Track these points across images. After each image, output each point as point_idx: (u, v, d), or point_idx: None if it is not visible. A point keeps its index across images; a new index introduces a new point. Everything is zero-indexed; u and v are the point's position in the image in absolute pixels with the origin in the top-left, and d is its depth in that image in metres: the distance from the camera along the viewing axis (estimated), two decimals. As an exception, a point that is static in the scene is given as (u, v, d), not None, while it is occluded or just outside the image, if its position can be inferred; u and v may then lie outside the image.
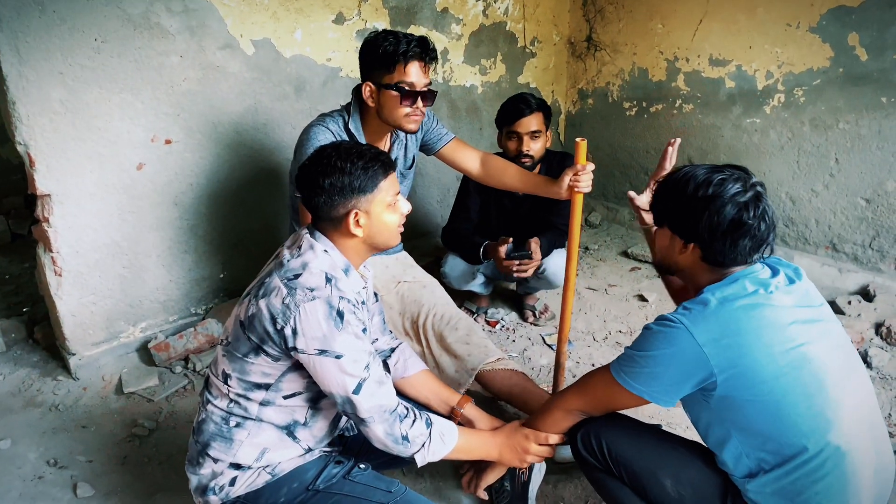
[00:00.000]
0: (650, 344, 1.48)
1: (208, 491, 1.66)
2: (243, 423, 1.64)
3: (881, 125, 3.21)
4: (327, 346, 1.51)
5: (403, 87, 2.19)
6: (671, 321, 1.45)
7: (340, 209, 1.62)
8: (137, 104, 2.70)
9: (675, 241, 1.56)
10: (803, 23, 3.38)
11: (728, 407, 1.44)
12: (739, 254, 1.48)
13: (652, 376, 1.47)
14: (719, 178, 1.46)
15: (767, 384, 1.38)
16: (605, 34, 4.41)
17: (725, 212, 1.44)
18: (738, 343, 1.39)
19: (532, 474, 2.05)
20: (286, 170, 3.14)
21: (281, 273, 1.57)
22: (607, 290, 3.65)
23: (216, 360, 1.69)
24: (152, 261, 2.94)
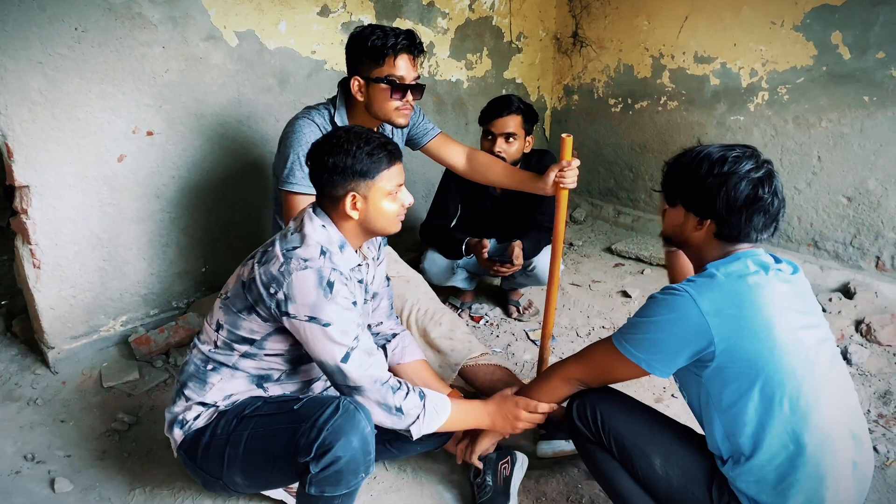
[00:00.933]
0: (653, 310, 1.53)
1: (175, 425, 1.78)
2: (219, 368, 1.76)
3: (863, 124, 3.24)
4: (316, 313, 1.59)
5: (394, 81, 2.19)
6: (676, 289, 1.50)
7: (339, 189, 1.68)
8: (118, 95, 2.66)
9: (689, 219, 1.60)
10: (787, 21, 3.40)
11: (719, 382, 1.49)
12: (753, 229, 1.53)
13: (652, 343, 1.52)
14: (734, 155, 1.52)
15: (762, 358, 1.43)
16: (590, 30, 4.41)
17: (741, 188, 1.49)
18: (739, 315, 1.44)
19: (514, 469, 2.06)
20: (269, 163, 3.11)
21: (282, 244, 1.67)
22: (591, 286, 3.66)
23: (212, 311, 1.80)
24: (133, 254, 2.90)
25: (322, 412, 1.59)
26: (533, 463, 2.20)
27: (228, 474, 1.72)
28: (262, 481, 1.77)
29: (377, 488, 2.13)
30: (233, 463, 1.70)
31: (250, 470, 1.70)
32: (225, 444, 1.70)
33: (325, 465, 1.55)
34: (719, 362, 1.46)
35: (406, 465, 2.23)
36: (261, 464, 1.68)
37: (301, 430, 1.59)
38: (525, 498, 2.11)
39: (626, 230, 4.50)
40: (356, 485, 1.63)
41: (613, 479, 1.72)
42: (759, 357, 1.43)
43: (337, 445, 1.54)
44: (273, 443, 1.65)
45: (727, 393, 1.48)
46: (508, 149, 2.84)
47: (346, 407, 1.60)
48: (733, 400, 1.48)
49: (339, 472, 1.56)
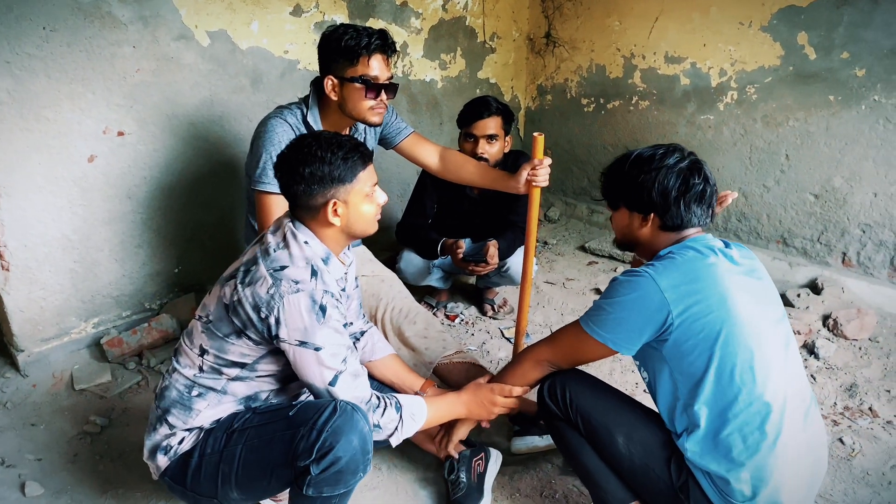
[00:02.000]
0: (616, 291, 1.61)
1: (158, 451, 1.72)
2: (206, 393, 1.70)
3: (829, 123, 3.30)
4: (308, 338, 1.57)
5: (368, 80, 2.19)
6: (637, 272, 1.59)
7: (319, 198, 1.65)
8: (88, 95, 2.64)
9: (633, 218, 1.71)
10: (755, 22, 3.45)
11: (677, 355, 1.57)
12: (693, 214, 1.64)
13: (617, 322, 1.60)
14: (660, 152, 1.66)
15: (716, 330, 1.51)
16: (563, 31, 4.45)
17: (671, 178, 1.62)
18: (696, 289, 1.54)
19: (488, 465, 2.08)
20: (242, 163, 3.09)
21: (267, 263, 1.62)
22: (565, 284, 3.69)
23: (192, 333, 1.73)
24: (105, 255, 2.88)
25: (320, 415, 1.57)
26: (507, 459, 2.22)
27: (223, 491, 1.67)
28: (259, 492, 1.72)
29: (352, 487, 2.14)
30: (227, 479, 1.66)
31: (247, 483, 1.66)
32: (218, 462, 1.66)
33: (326, 466, 1.54)
34: (677, 335, 1.54)
35: (381, 464, 2.24)
36: (258, 475, 1.65)
37: (300, 433, 1.57)
38: (499, 494, 2.12)
39: (599, 228, 4.54)
40: (354, 484, 1.64)
41: (580, 455, 1.80)
42: (713, 329, 1.51)
43: (338, 446, 1.53)
44: (270, 452, 1.62)
45: (685, 365, 1.57)
46: (491, 150, 2.86)
47: (344, 408, 1.59)
48: (691, 372, 1.56)
49: (339, 473, 1.56)
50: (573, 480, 2.17)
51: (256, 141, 2.31)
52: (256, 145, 2.30)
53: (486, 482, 2.05)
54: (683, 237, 1.67)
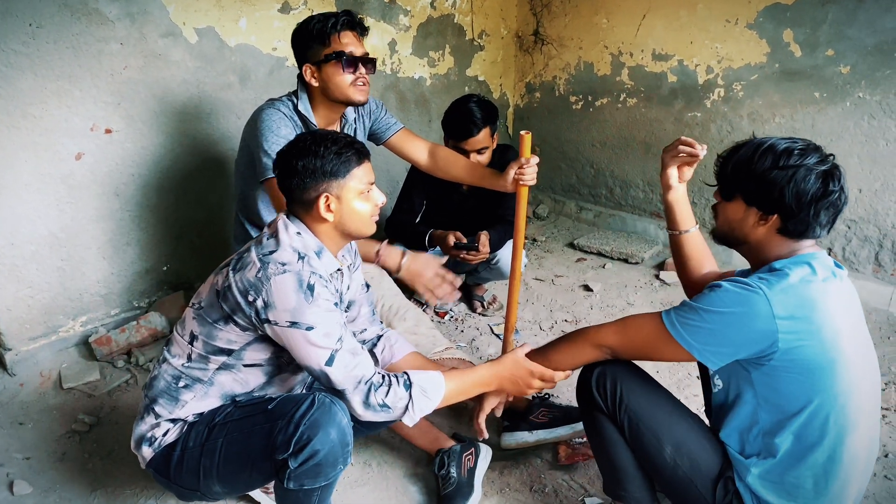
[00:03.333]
0: (721, 301, 1.45)
1: (143, 442, 1.73)
2: (192, 385, 1.71)
3: (814, 119, 3.33)
4: (298, 318, 1.56)
5: (342, 53, 2.21)
6: (749, 285, 1.43)
7: (312, 192, 1.65)
8: (75, 92, 2.63)
9: (749, 214, 1.52)
10: (741, 19, 3.48)
11: (770, 385, 1.47)
12: (819, 224, 1.48)
13: (712, 333, 1.46)
14: (799, 147, 1.46)
15: (822, 370, 1.41)
16: (551, 28, 4.46)
17: (810, 181, 1.43)
18: (810, 322, 1.40)
19: (478, 461, 2.09)
20: (231, 160, 3.10)
21: (258, 250, 1.63)
22: (554, 281, 3.71)
23: (184, 321, 1.74)
24: (93, 253, 2.87)
25: (298, 408, 1.57)
26: (496, 454, 2.23)
27: (206, 484, 1.68)
28: (241, 485, 1.74)
29: (342, 483, 2.14)
30: (209, 473, 1.66)
31: (229, 477, 1.67)
32: (199, 455, 1.67)
33: (304, 460, 1.54)
34: (776, 366, 1.43)
35: (371, 460, 2.24)
36: (239, 469, 1.65)
37: (278, 427, 1.57)
38: (489, 489, 2.13)
39: (588, 225, 4.56)
40: (334, 476, 1.63)
41: (613, 451, 1.71)
42: (820, 373, 1.41)
43: (315, 439, 1.53)
44: (250, 445, 1.62)
45: (777, 398, 1.47)
46: (481, 158, 2.87)
47: (322, 401, 1.59)
48: (782, 406, 1.47)
49: (317, 466, 1.55)
50: (562, 475, 2.18)
51: (251, 133, 2.31)
52: (252, 137, 2.29)
53: (476, 477, 2.06)
54: (799, 248, 1.51)
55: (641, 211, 4.31)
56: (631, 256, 3.92)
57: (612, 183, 4.42)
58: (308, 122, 2.34)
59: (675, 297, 3.46)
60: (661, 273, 3.69)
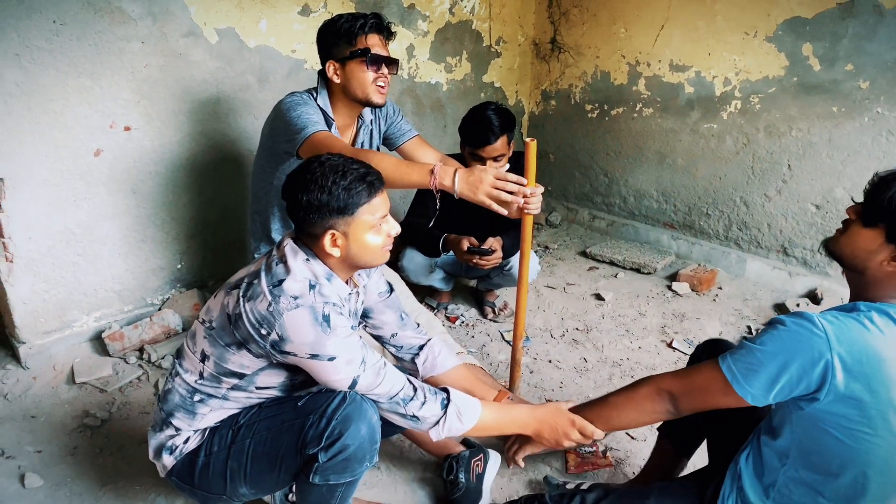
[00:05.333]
0: (778, 340, 1.33)
1: (164, 451, 1.70)
2: (207, 399, 1.68)
3: (831, 134, 3.32)
4: (318, 350, 1.52)
5: (367, 50, 2.23)
6: (814, 324, 1.29)
7: (317, 228, 1.58)
8: (96, 89, 2.65)
9: (885, 249, 1.35)
10: (760, 32, 3.47)
11: (812, 425, 1.36)
12: None
13: (763, 377, 1.34)
14: None
15: (859, 430, 1.30)
16: (569, 36, 4.47)
17: None
18: (866, 381, 1.26)
19: (487, 467, 2.08)
20: (247, 160, 3.11)
21: (268, 278, 1.56)
22: (565, 289, 3.70)
23: (195, 336, 1.69)
24: (108, 249, 2.89)
25: (330, 403, 1.57)
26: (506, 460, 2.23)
27: (232, 488, 1.67)
28: (270, 484, 1.71)
29: (351, 485, 2.15)
30: (236, 475, 1.65)
31: (256, 476, 1.65)
32: (226, 458, 1.65)
33: (335, 454, 1.54)
34: (816, 410, 1.32)
35: (380, 463, 2.24)
36: (268, 468, 1.64)
37: (309, 421, 1.56)
38: (497, 495, 2.13)
39: (600, 234, 4.56)
40: (360, 473, 1.63)
41: None
42: (866, 438, 1.30)
43: (347, 434, 1.53)
44: (279, 443, 1.61)
45: (809, 455, 1.39)
46: (498, 166, 2.87)
47: (354, 397, 1.58)
48: (815, 465, 1.39)
49: (346, 461, 1.56)
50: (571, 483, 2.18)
51: (274, 117, 2.33)
52: (276, 118, 2.29)
53: (484, 483, 2.05)
54: None
55: (654, 221, 4.30)
56: (643, 266, 3.91)
57: (626, 192, 4.41)
58: (327, 116, 2.34)
59: (688, 308, 3.45)
60: (674, 284, 3.68)
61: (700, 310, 3.45)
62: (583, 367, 2.91)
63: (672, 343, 3.09)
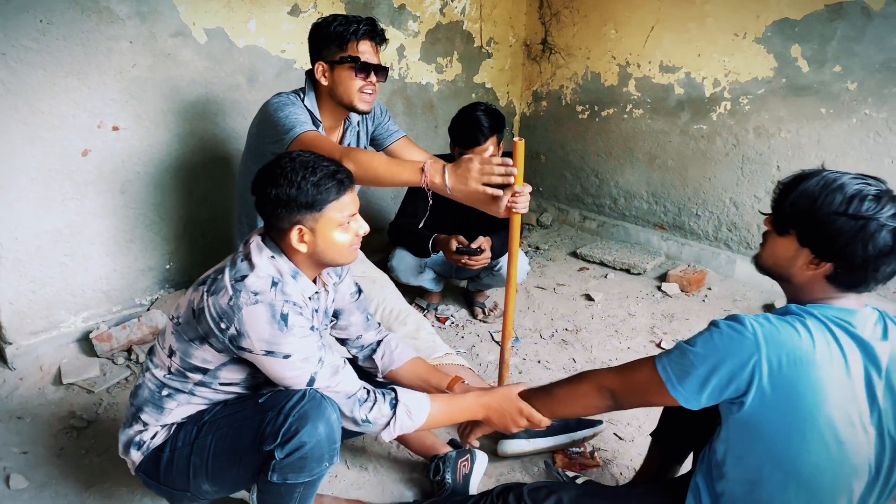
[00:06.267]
0: (710, 343, 1.34)
1: (132, 446, 1.72)
2: (175, 394, 1.69)
3: (820, 135, 3.33)
4: (273, 347, 1.54)
5: (357, 58, 2.23)
6: (745, 327, 1.31)
7: (285, 223, 1.60)
8: (84, 89, 2.64)
9: (801, 255, 1.37)
10: (750, 34, 3.49)
11: (745, 431, 1.37)
12: (874, 280, 1.33)
13: (695, 378, 1.35)
14: (872, 193, 1.28)
15: (790, 437, 1.30)
16: (559, 38, 4.47)
17: (881, 237, 1.27)
18: (792, 387, 1.27)
19: (474, 467, 2.08)
20: (236, 160, 3.10)
21: (231, 273, 1.58)
22: (555, 289, 3.71)
23: (164, 333, 1.72)
24: (96, 249, 2.87)
25: (289, 400, 1.57)
26: (493, 461, 2.23)
27: (195, 484, 1.67)
28: (230, 482, 1.72)
29: (338, 486, 2.15)
30: (199, 471, 1.65)
31: (218, 473, 1.66)
32: (189, 454, 1.66)
33: (290, 451, 1.53)
34: (746, 415, 1.32)
35: (367, 464, 2.24)
36: (229, 464, 1.64)
37: (268, 418, 1.56)
38: (485, 496, 2.13)
39: (590, 235, 4.56)
40: (319, 473, 1.61)
41: None
42: (773, 455, 1.32)
43: (303, 431, 1.52)
44: (240, 440, 1.61)
45: (747, 448, 1.38)
46: None
47: (314, 395, 1.58)
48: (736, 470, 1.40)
49: (303, 459, 1.55)
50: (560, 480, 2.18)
51: (261, 118, 2.33)
52: (263, 118, 2.30)
53: (471, 483, 2.05)
54: (841, 300, 1.37)
55: (645, 222, 4.31)
56: (633, 267, 3.92)
57: (616, 193, 4.42)
58: (314, 117, 2.34)
59: (677, 308, 3.46)
60: (664, 285, 3.69)
61: (689, 310, 3.45)
62: (572, 368, 2.91)
63: (661, 343, 3.09)
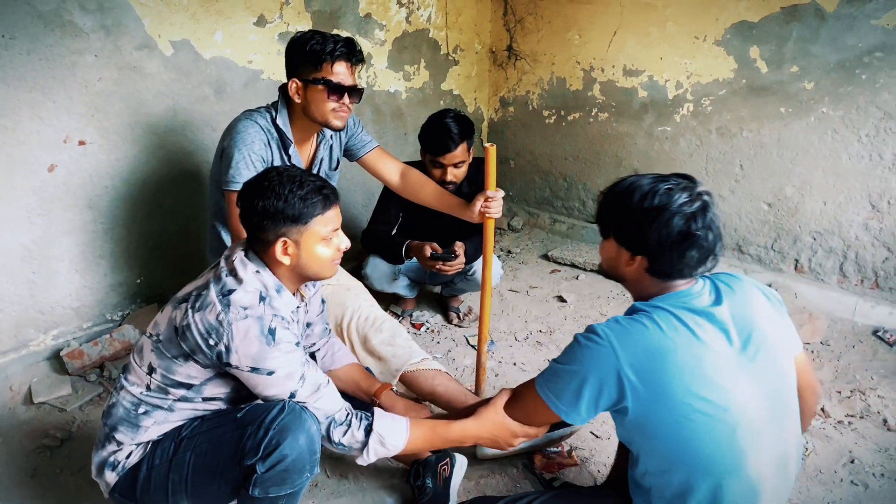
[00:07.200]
0: (573, 358, 1.46)
1: (106, 467, 1.69)
2: (152, 411, 1.68)
3: (780, 133, 3.42)
4: (259, 363, 1.55)
5: (330, 82, 2.22)
6: (599, 336, 1.42)
7: (270, 234, 1.62)
8: (49, 103, 2.61)
9: (621, 253, 1.51)
10: (710, 36, 3.57)
11: (641, 431, 1.45)
12: (686, 265, 1.44)
13: (569, 393, 1.46)
14: (665, 187, 1.42)
15: (677, 422, 1.37)
16: (524, 44, 4.53)
17: (673, 223, 1.39)
18: (657, 378, 1.36)
19: (454, 471, 2.09)
20: (206, 172, 3.09)
21: (218, 288, 1.59)
22: (528, 292, 3.74)
23: (142, 350, 1.70)
24: (65, 265, 2.84)
25: (268, 413, 1.57)
26: (472, 463, 2.24)
27: (174, 502, 1.66)
28: (211, 499, 1.70)
29: (319, 495, 2.14)
30: (178, 488, 1.64)
31: (198, 491, 1.65)
32: (167, 471, 1.64)
33: (272, 465, 1.53)
34: (634, 417, 1.42)
35: (348, 472, 2.24)
36: (208, 480, 1.63)
37: (248, 433, 1.56)
38: (465, 498, 2.13)
39: (561, 237, 4.61)
40: (301, 485, 1.62)
41: None
42: (675, 423, 1.38)
43: (284, 444, 1.53)
44: (219, 455, 1.60)
45: (647, 443, 1.46)
46: (458, 173, 2.91)
47: (293, 407, 1.59)
48: (651, 450, 1.46)
49: (285, 472, 1.55)
50: (538, 485, 2.20)
51: (226, 142, 2.32)
52: (226, 146, 2.30)
53: (451, 487, 2.06)
54: (670, 287, 1.49)
55: (614, 223, 4.36)
56: (604, 268, 3.96)
57: (585, 196, 4.48)
58: (284, 137, 2.35)
59: (648, 307, 3.51)
60: (634, 284, 3.74)
61: (660, 309, 3.50)
62: (547, 369, 2.94)
63: (633, 342, 3.13)
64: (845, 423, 2.53)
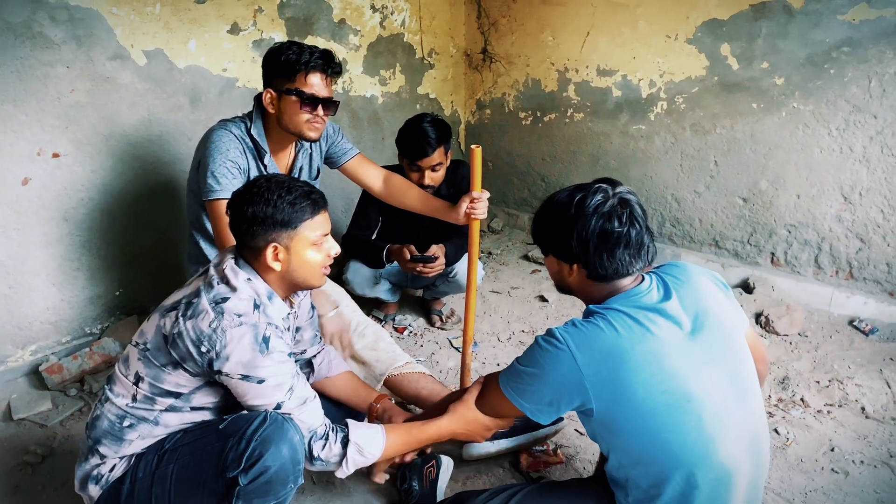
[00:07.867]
0: (534, 361, 1.50)
1: (89, 481, 1.68)
2: (137, 424, 1.66)
3: (753, 129, 3.47)
4: (251, 371, 1.56)
5: (303, 93, 2.21)
6: (558, 340, 1.45)
7: (260, 241, 1.63)
8: (20, 116, 2.58)
9: (562, 266, 1.57)
10: (681, 35, 3.61)
11: (608, 429, 1.48)
12: (621, 263, 1.48)
13: (532, 393, 1.51)
14: (580, 195, 1.49)
15: (642, 418, 1.40)
16: (499, 46, 4.55)
17: (591, 225, 1.45)
18: (617, 377, 1.40)
19: (440, 472, 2.10)
20: (183, 182, 3.07)
21: (210, 296, 1.59)
22: (510, 293, 3.76)
23: (128, 360, 1.69)
24: (42, 280, 2.80)
25: (250, 424, 1.56)
26: (459, 465, 2.25)
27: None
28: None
29: (306, 502, 2.14)
30: (162, 502, 1.63)
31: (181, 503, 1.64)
32: (150, 485, 1.63)
33: (255, 476, 1.52)
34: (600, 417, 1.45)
35: (334, 478, 2.22)
36: (191, 492, 1.61)
37: (229, 444, 1.55)
38: (453, 500, 2.15)
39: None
40: (284, 496, 1.61)
41: None
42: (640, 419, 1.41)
43: (267, 455, 1.52)
44: (202, 467, 1.59)
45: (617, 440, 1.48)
46: (436, 176, 2.91)
47: (275, 418, 1.58)
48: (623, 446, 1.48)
49: (268, 483, 1.54)
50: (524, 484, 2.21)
51: (202, 152, 2.31)
52: (202, 156, 2.29)
53: (438, 489, 2.07)
54: (616, 289, 1.53)
55: (593, 222, 4.39)
56: (584, 267, 3.99)
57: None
58: (259, 147, 2.34)
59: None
60: (614, 282, 3.77)
61: (640, 305, 3.53)
62: (530, 369, 2.95)
63: (615, 339, 3.16)
64: (824, 412, 2.56)
